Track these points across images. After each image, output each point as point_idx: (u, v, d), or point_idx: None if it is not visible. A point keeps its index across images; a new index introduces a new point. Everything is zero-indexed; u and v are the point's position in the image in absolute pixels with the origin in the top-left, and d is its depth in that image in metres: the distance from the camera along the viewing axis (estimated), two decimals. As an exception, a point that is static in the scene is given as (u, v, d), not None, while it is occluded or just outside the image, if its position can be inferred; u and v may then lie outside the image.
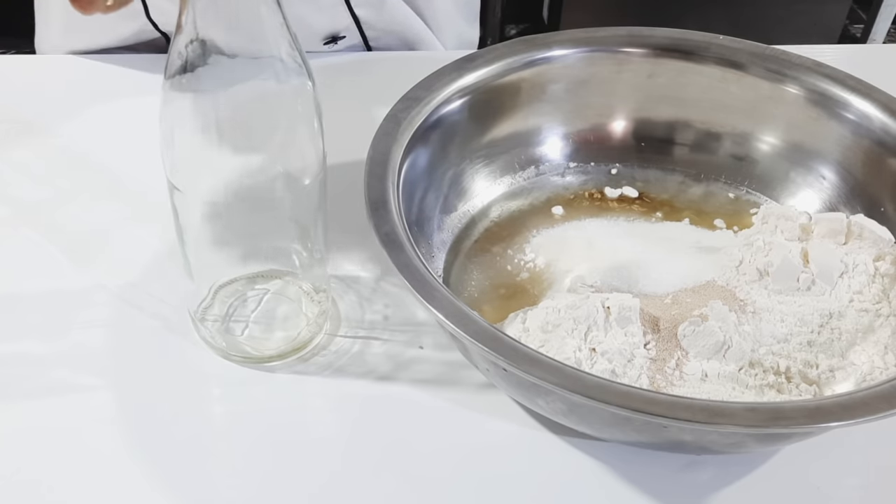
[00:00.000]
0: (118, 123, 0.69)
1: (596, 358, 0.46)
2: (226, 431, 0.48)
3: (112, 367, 0.50)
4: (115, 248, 0.58)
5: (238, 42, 0.40)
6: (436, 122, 0.55)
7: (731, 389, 0.46)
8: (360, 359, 0.51)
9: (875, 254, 0.52)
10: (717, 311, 0.48)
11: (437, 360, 0.51)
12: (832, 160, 0.59)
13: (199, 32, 0.40)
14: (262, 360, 0.50)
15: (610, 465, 0.46)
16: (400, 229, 0.46)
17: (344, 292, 0.55)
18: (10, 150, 0.66)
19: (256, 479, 0.45)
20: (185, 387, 0.50)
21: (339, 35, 0.78)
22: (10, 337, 0.52)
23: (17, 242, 0.58)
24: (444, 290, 0.43)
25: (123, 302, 0.54)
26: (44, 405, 0.48)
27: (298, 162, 0.45)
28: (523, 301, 0.53)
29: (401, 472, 0.46)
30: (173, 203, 0.46)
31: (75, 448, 0.46)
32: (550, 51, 0.60)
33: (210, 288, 0.52)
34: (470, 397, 0.49)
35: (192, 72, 0.41)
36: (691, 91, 0.62)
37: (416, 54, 0.80)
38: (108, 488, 0.45)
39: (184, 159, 0.44)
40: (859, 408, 0.39)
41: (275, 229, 0.49)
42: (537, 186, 0.61)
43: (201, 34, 0.40)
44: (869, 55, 0.94)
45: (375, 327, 0.53)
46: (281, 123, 0.44)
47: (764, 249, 0.52)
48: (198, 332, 0.51)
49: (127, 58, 0.76)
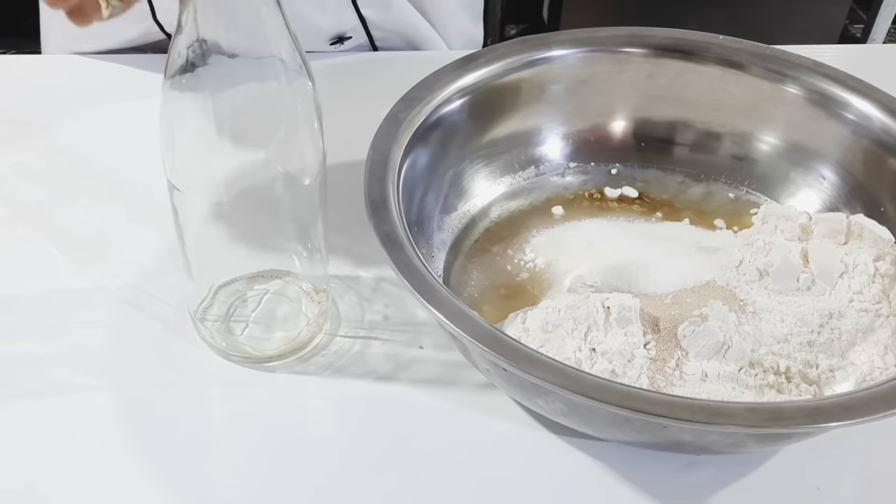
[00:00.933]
0: (119, 123, 0.69)
1: (596, 358, 0.46)
2: (226, 432, 0.48)
3: (112, 367, 0.50)
4: (116, 249, 0.58)
5: (238, 42, 0.40)
6: (436, 122, 0.55)
7: (731, 389, 0.46)
8: (360, 359, 0.51)
9: (875, 254, 0.52)
10: (717, 311, 0.48)
11: (437, 360, 0.51)
12: (832, 160, 0.59)
13: (199, 32, 0.40)
14: (262, 360, 0.50)
15: (610, 465, 0.46)
16: (400, 229, 0.46)
17: (344, 292, 0.55)
18: (11, 149, 0.66)
19: (256, 479, 0.45)
20: (186, 387, 0.50)
21: (345, 35, 0.78)
22: (9, 337, 0.52)
23: (17, 242, 0.58)
24: (444, 290, 0.43)
25: (124, 302, 0.54)
26: (44, 405, 0.48)
27: (298, 162, 0.45)
28: (523, 301, 0.53)
29: (401, 472, 0.46)
30: (173, 203, 0.46)
31: (75, 448, 0.46)
32: (550, 51, 0.60)
33: (210, 288, 0.52)
34: (470, 397, 0.49)
35: (192, 72, 0.41)
36: (691, 91, 0.62)
37: (417, 54, 0.80)
38: (108, 488, 0.45)
39: (184, 159, 0.44)
40: (859, 408, 0.39)
41: (275, 229, 0.49)
42: (537, 186, 0.61)
43: (201, 34, 0.40)
44: (869, 55, 0.94)
45: (375, 327, 0.53)
46: (281, 124, 0.44)
47: (764, 249, 0.52)
48: (198, 333, 0.51)
49: (128, 58, 0.76)
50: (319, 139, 0.45)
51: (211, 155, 0.43)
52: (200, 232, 0.47)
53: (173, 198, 0.46)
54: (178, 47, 0.40)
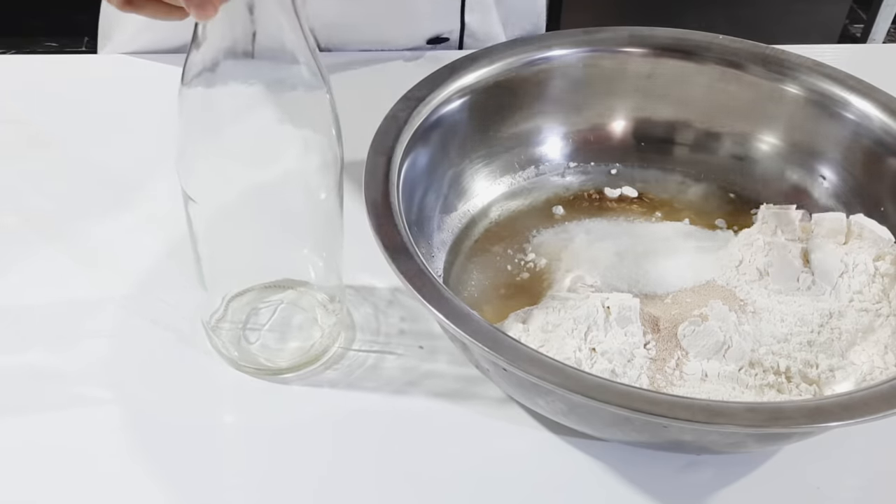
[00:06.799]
0: (130, 130, 0.68)
1: (596, 358, 0.46)
2: (237, 444, 0.47)
3: (123, 377, 0.50)
4: (128, 258, 0.56)
5: (256, 51, 0.40)
6: (436, 122, 0.55)
7: (731, 389, 0.46)
8: (374, 372, 0.50)
9: (875, 254, 0.52)
10: (717, 311, 0.48)
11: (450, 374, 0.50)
12: (832, 160, 0.59)
13: (215, 42, 0.39)
14: (276, 371, 0.50)
15: (610, 465, 0.46)
16: (400, 229, 0.46)
17: (360, 304, 0.54)
18: (12, 153, 0.65)
19: (267, 492, 0.45)
20: (197, 398, 0.49)
21: (443, 36, 0.79)
22: (19, 347, 0.51)
23: (26, 252, 0.57)
24: (444, 290, 0.43)
25: (135, 312, 0.53)
26: (55, 416, 0.48)
27: (315, 172, 0.44)
28: (523, 301, 0.53)
29: (401, 471, 0.46)
30: (187, 213, 0.46)
31: (86, 459, 0.46)
32: (550, 51, 0.60)
33: (223, 298, 0.51)
34: (472, 399, 0.49)
35: (209, 81, 0.40)
36: (691, 91, 0.62)
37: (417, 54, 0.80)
38: (118, 499, 0.44)
39: (198, 170, 0.43)
40: (859, 408, 0.39)
41: (290, 239, 0.49)
42: (537, 186, 0.61)
43: (218, 43, 0.39)
44: (869, 55, 0.94)
45: (391, 341, 0.52)
46: (297, 134, 0.43)
47: (764, 249, 0.52)
48: (210, 343, 0.51)
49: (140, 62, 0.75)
50: (337, 149, 0.44)
51: (225, 165, 0.43)
52: (214, 242, 0.47)
53: (188, 208, 0.45)
54: (195, 56, 0.40)
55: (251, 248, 0.48)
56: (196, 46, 0.40)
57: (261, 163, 0.43)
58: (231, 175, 0.43)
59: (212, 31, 0.39)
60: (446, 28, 0.79)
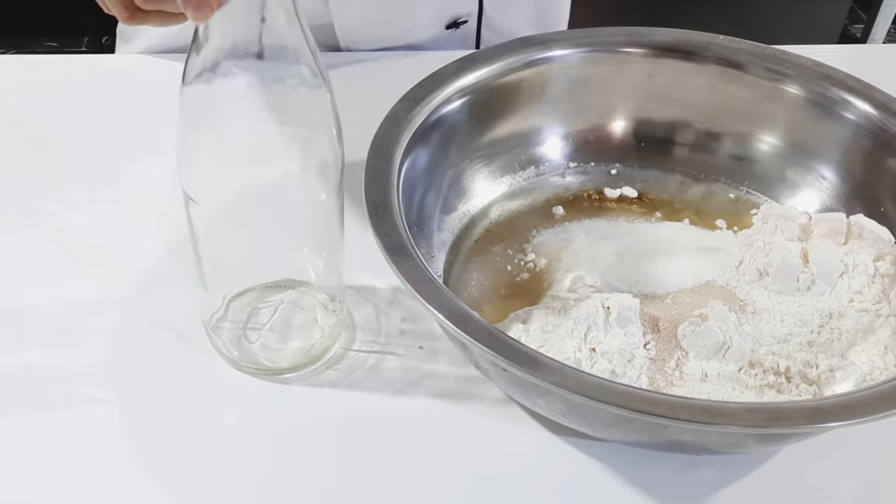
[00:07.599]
0: (131, 130, 0.68)
1: (596, 358, 0.46)
2: (237, 444, 0.47)
3: (123, 377, 0.50)
4: (128, 258, 0.56)
5: (257, 52, 0.39)
6: (436, 122, 0.55)
7: (731, 389, 0.46)
8: (375, 372, 0.50)
9: (875, 254, 0.52)
10: (717, 311, 0.48)
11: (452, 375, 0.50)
12: (832, 160, 0.59)
13: (216, 42, 0.39)
14: (276, 371, 0.50)
15: (610, 465, 0.46)
16: (400, 229, 0.46)
17: (360, 304, 0.54)
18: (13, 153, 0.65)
19: (268, 492, 0.45)
20: (198, 398, 0.49)
21: (460, 20, 0.78)
22: (18, 348, 0.51)
23: (26, 251, 0.57)
24: (444, 291, 0.43)
25: (135, 311, 0.53)
26: (55, 415, 0.48)
27: (315, 172, 0.44)
28: (523, 301, 0.53)
29: (401, 471, 0.46)
30: (188, 213, 0.46)
31: (86, 459, 0.46)
32: (550, 51, 0.60)
33: (224, 298, 0.51)
34: (472, 399, 0.49)
35: (209, 82, 0.40)
36: (691, 91, 0.62)
37: (417, 54, 0.80)
38: (118, 499, 0.44)
39: (199, 170, 0.43)
40: (859, 408, 0.39)
41: (290, 239, 0.49)
42: (537, 186, 0.61)
43: (218, 44, 0.39)
44: (869, 55, 0.94)
45: (391, 341, 0.52)
46: (298, 134, 0.43)
47: (764, 249, 0.52)
48: (211, 343, 0.51)
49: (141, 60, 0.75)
50: (338, 149, 0.44)
51: (226, 165, 0.43)
52: (215, 242, 0.47)
53: (188, 208, 0.45)
54: (196, 56, 0.40)
55: (252, 248, 0.48)
56: (196, 47, 0.40)
57: (261, 163, 0.43)
58: (232, 175, 0.43)
59: (212, 32, 0.39)
60: (464, 10, 0.78)
